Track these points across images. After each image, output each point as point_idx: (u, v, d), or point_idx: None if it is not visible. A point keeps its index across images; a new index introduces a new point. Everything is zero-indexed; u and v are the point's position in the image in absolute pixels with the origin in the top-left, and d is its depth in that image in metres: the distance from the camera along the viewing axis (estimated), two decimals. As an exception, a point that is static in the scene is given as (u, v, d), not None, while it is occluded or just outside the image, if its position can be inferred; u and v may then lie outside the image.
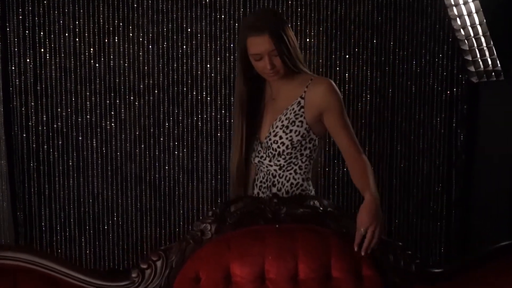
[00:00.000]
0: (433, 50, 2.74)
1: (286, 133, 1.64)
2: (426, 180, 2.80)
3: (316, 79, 1.66)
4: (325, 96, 1.61)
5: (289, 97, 1.67)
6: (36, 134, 2.61)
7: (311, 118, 1.64)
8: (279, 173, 1.67)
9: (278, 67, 1.59)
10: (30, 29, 2.58)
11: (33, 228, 2.64)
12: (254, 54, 1.59)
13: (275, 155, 1.66)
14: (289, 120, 1.64)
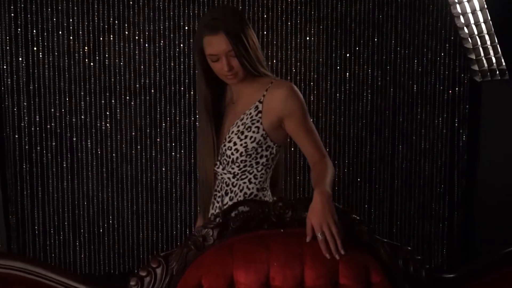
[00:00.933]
0: (435, 49, 2.70)
1: (241, 139, 1.55)
2: (428, 181, 2.76)
3: (276, 83, 1.55)
4: (285, 101, 1.52)
5: (248, 101, 1.57)
6: (29, 135, 2.54)
7: (269, 124, 1.54)
8: (232, 182, 1.59)
9: (236, 69, 1.50)
10: (22, 27, 2.51)
11: (26, 232, 2.57)
12: (211, 54, 1.49)
13: (229, 162, 1.57)
14: (245, 125, 1.55)
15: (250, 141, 1.54)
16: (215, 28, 1.47)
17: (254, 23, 2.61)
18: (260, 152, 1.56)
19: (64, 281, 1.35)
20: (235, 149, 1.55)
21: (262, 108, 1.54)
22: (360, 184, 2.75)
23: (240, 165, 1.56)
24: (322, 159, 1.53)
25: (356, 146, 2.73)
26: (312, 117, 2.69)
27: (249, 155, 1.55)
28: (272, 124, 1.54)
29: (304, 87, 2.67)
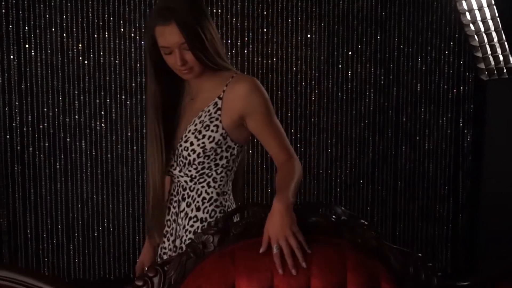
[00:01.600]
0: (439, 47, 2.65)
1: (198, 139, 1.41)
2: (432, 182, 2.70)
3: (237, 77, 1.42)
4: (246, 97, 1.39)
5: (207, 97, 1.45)
6: (21, 136, 2.46)
7: (229, 122, 1.42)
8: (189, 186, 1.46)
9: (191, 64, 1.37)
10: (14, 24, 2.42)
11: (17, 236, 2.48)
12: (163, 46, 1.37)
13: (186, 164, 1.43)
14: (203, 123, 1.42)
15: (208, 141, 1.41)
16: (167, 18, 1.34)
17: (253, 20, 2.53)
18: (219, 153, 1.43)
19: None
20: (192, 150, 1.42)
21: (222, 104, 1.42)
22: (363, 185, 2.68)
23: (198, 167, 1.43)
24: (288, 160, 1.40)
25: (359, 146, 2.66)
26: (313, 117, 2.62)
27: (207, 156, 1.42)
28: (233, 122, 1.42)
29: (305, 86, 2.60)
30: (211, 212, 1.45)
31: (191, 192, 1.46)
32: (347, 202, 2.67)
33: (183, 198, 1.47)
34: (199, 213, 1.44)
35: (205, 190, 1.45)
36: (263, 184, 2.60)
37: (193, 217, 1.45)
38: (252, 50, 2.55)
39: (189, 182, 1.46)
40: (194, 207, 1.45)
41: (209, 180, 1.45)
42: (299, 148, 2.62)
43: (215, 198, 1.45)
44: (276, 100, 2.59)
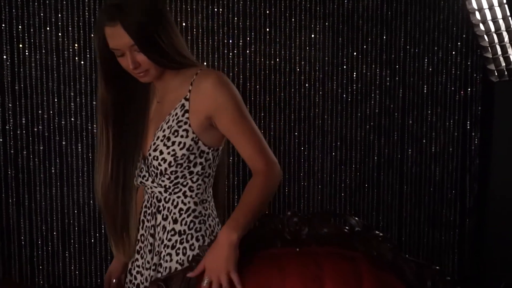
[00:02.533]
0: (446, 47, 2.58)
1: (168, 146, 1.31)
2: (438, 187, 2.64)
3: (201, 74, 1.30)
4: (211, 94, 1.27)
5: (173, 99, 1.34)
6: (15, 139, 2.37)
7: (198, 125, 1.31)
8: (164, 197, 1.35)
9: (146, 66, 1.26)
10: (7, 23, 2.33)
11: (11, 243, 2.40)
12: (113, 48, 1.26)
13: (158, 174, 1.33)
14: (171, 129, 1.31)
15: (178, 148, 1.30)
16: (112, 18, 1.23)
17: (256, 20, 2.46)
18: (193, 160, 1.32)
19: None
20: (162, 159, 1.31)
21: (189, 106, 1.30)
22: (368, 189, 2.61)
23: (171, 176, 1.32)
24: (263, 169, 1.27)
25: (364, 149, 2.59)
26: (317, 119, 2.55)
27: (179, 164, 1.31)
28: (201, 124, 1.30)
29: (309, 87, 2.53)
30: (190, 223, 1.34)
31: (166, 204, 1.35)
32: (351, 207, 2.60)
33: (158, 210, 1.36)
34: (177, 225, 1.34)
35: (182, 200, 1.34)
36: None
37: (170, 231, 1.34)
38: (254, 50, 2.47)
39: (163, 193, 1.35)
40: (171, 220, 1.34)
41: (185, 189, 1.34)
42: (302, 152, 2.55)
43: (193, 208, 1.35)
44: (279, 102, 2.51)
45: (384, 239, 1.28)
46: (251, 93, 2.49)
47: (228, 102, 1.28)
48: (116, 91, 1.35)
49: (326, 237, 1.27)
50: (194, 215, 1.35)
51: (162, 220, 1.36)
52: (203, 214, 1.36)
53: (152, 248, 1.38)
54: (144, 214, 1.40)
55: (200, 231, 1.35)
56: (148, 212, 1.39)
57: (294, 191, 2.56)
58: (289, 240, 1.26)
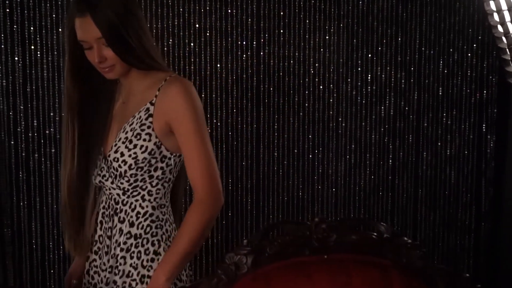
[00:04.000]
0: (462, 49, 2.55)
1: (129, 149, 1.30)
2: (453, 190, 2.60)
3: (170, 80, 1.30)
4: (173, 101, 1.27)
5: (138, 102, 1.33)
6: (26, 141, 2.34)
7: (160, 129, 1.30)
8: (122, 199, 1.34)
9: (112, 61, 1.27)
10: (19, 24, 2.30)
11: (22, 247, 2.37)
12: (81, 40, 1.27)
13: (117, 176, 1.32)
14: (134, 132, 1.30)
15: (140, 151, 1.29)
16: (82, 9, 1.24)
17: (269, 21, 2.43)
18: (154, 164, 1.31)
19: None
20: (123, 161, 1.30)
21: (154, 111, 1.29)
22: (382, 193, 2.58)
23: (130, 179, 1.31)
24: (203, 198, 1.26)
25: (378, 152, 2.56)
26: (332, 122, 2.52)
27: (140, 168, 1.30)
28: (163, 129, 1.30)
29: (323, 90, 2.50)
30: (146, 227, 1.34)
31: (123, 206, 1.34)
32: (366, 211, 2.57)
33: (115, 212, 1.36)
34: (133, 229, 1.33)
35: (139, 204, 1.33)
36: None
37: (126, 233, 1.34)
38: (268, 52, 2.44)
39: (121, 195, 1.34)
40: (127, 223, 1.33)
41: (144, 193, 1.33)
42: (316, 154, 2.52)
43: (150, 213, 1.34)
44: (293, 104, 2.48)
45: (413, 246, 1.25)
46: (264, 95, 2.46)
47: (187, 112, 1.27)
48: (82, 87, 1.35)
49: (354, 244, 1.24)
50: (151, 219, 1.34)
51: (119, 223, 1.35)
52: (160, 219, 1.35)
53: (108, 250, 1.37)
54: (102, 215, 1.40)
55: (156, 235, 1.35)
56: (106, 214, 1.39)
57: (308, 194, 2.52)
58: (317, 247, 1.23)
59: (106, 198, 1.38)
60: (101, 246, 1.40)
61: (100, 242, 1.41)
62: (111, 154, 1.33)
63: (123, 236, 1.34)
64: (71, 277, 1.52)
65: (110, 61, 1.28)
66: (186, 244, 1.26)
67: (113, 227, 1.36)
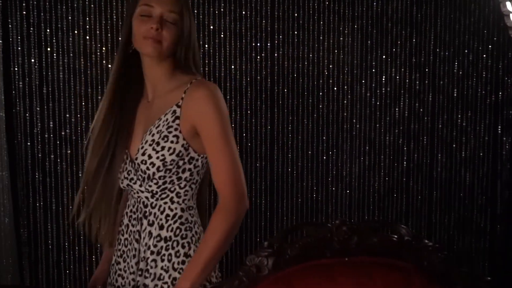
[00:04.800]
0: (477, 50, 2.53)
1: (157, 151, 1.29)
2: (468, 192, 2.59)
3: (196, 83, 1.29)
4: (200, 104, 1.26)
5: (164, 103, 1.32)
6: (42, 143, 2.36)
7: (187, 132, 1.30)
8: (151, 202, 1.33)
9: (165, 38, 1.27)
10: (35, 26, 2.32)
11: (38, 247, 2.39)
12: (146, 4, 1.27)
13: (145, 178, 1.31)
14: (161, 134, 1.29)
15: (168, 153, 1.28)
16: None
17: (284, 22, 2.43)
18: (182, 166, 1.30)
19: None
20: (151, 163, 1.29)
21: (181, 113, 1.29)
22: (396, 195, 2.57)
23: (159, 182, 1.30)
24: (227, 202, 1.25)
25: (392, 154, 2.55)
26: (346, 124, 2.51)
27: (168, 169, 1.29)
28: (190, 132, 1.29)
29: (337, 91, 2.50)
30: (176, 229, 1.33)
31: (152, 209, 1.33)
32: (380, 213, 2.56)
33: (144, 216, 1.34)
34: (163, 231, 1.32)
35: (168, 206, 1.32)
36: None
37: (156, 236, 1.33)
38: (282, 53, 2.44)
39: (150, 198, 1.33)
40: (157, 225, 1.32)
41: (172, 195, 1.32)
42: (330, 156, 2.52)
43: (179, 215, 1.33)
44: (307, 105, 2.48)
45: (435, 249, 1.24)
46: (279, 97, 2.46)
47: (214, 116, 1.27)
48: (127, 71, 1.35)
49: (375, 247, 1.24)
50: (180, 221, 1.33)
51: (148, 226, 1.34)
52: (189, 221, 1.35)
53: (136, 253, 1.37)
54: (130, 218, 1.38)
55: (186, 238, 1.34)
56: (134, 217, 1.37)
57: (322, 195, 2.52)
58: (338, 250, 1.22)
59: (135, 202, 1.37)
60: (126, 249, 1.40)
61: (125, 246, 1.40)
62: (139, 156, 1.32)
63: (153, 239, 1.33)
64: (95, 283, 1.50)
65: (164, 37, 1.28)
66: (211, 251, 1.25)
67: (142, 230, 1.35)
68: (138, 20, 1.29)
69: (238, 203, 1.27)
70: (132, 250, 1.38)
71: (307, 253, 1.22)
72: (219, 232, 1.25)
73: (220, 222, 1.26)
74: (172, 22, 1.28)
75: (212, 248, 1.25)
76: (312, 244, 1.22)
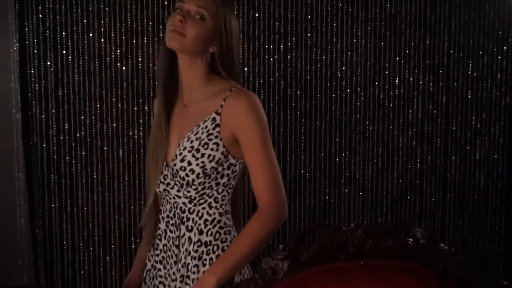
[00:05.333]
0: (492, 52, 2.52)
1: (197, 158, 1.29)
2: (483, 194, 2.57)
3: (235, 91, 1.29)
4: (241, 113, 1.27)
5: (202, 109, 1.32)
6: (57, 144, 2.39)
7: (227, 139, 1.30)
8: (189, 208, 1.33)
9: (189, 32, 1.25)
10: (51, 29, 2.35)
11: (53, 248, 2.41)
12: (179, 2, 1.28)
13: (183, 184, 1.31)
14: (200, 141, 1.30)
15: (208, 160, 1.28)
16: None
17: (297, 24, 2.43)
18: (221, 172, 1.31)
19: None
20: (191, 170, 1.29)
21: (221, 120, 1.29)
22: (410, 197, 2.56)
23: (198, 187, 1.30)
24: (266, 208, 1.25)
25: (406, 156, 2.54)
26: (359, 125, 2.51)
27: (208, 175, 1.29)
28: (229, 139, 1.30)
29: (350, 93, 2.49)
30: (216, 234, 1.33)
31: (190, 215, 1.33)
32: (393, 215, 2.55)
33: (182, 221, 1.34)
34: (203, 236, 1.32)
35: (207, 212, 1.33)
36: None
37: (196, 242, 1.33)
38: (295, 55, 2.45)
39: (188, 203, 1.33)
40: (196, 231, 1.32)
41: (210, 200, 1.33)
42: (343, 158, 2.51)
43: (218, 219, 1.33)
44: (320, 107, 2.48)
45: (450, 253, 1.23)
46: (292, 99, 2.46)
47: (253, 125, 1.27)
48: (170, 67, 1.36)
49: (390, 250, 1.23)
50: (219, 225, 1.33)
51: (187, 231, 1.34)
52: (227, 225, 1.36)
53: (177, 259, 1.36)
54: (167, 224, 1.38)
55: (225, 241, 1.35)
56: (172, 223, 1.37)
57: (335, 197, 2.52)
58: (352, 253, 1.23)
59: (171, 207, 1.36)
60: (166, 255, 1.39)
61: (164, 252, 1.39)
62: (177, 163, 1.31)
63: (192, 245, 1.33)
64: (129, 285, 1.50)
65: (188, 30, 1.26)
66: (243, 250, 1.25)
67: (181, 236, 1.35)
68: (171, 16, 1.30)
69: (277, 210, 1.27)
70: (173, 256, 1.37)
71: (322, 256, 1.22)
72: (254, 235, 1.25)
73: (257, 225, 1.26)
74: (200, 17, 1.27)
75: (245, 248, 1.25)
76: (327, 247, 1.22)
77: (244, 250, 1.25)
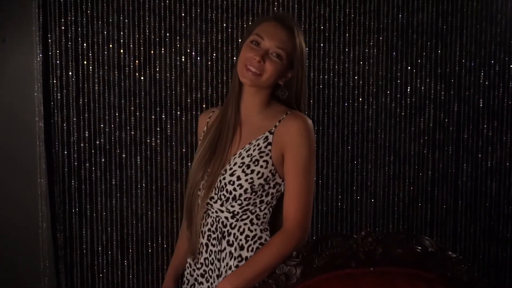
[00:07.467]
0: (503, 61, 2.54)
1: (246, 173, 1.33)
2: (494, 202, 2.59)
3: (292, 114, 1.35)
4: (292, 134, 1.32)
5: (256, 129, 1.37)
6: (78, 151, 2.47)
7: (276, 158, 1.35)
8: (230, 223, 1.36)
9: (266, 71, 1.31)
10: (73, 40, 2.44)
11: (73, 251, 2.49)
12: (258, 35, 1.31)
13: (229, 198, 1.35)
14: (251, 158, 1.34)
15: (257, 177, 1.33)
16: (288, 21, 1.35)
17: (310, 35, 2.49)
18: (266, 189, 1.35)
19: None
20: (239, 185, 1.33)
21: (273, 139, 1.34)
22: (421, 204, 2.59)
23: (243, 203, 1.34)
24: (291, 229, 1.30)
25: (417, 164, 2.57)
26: (371, 133, 2.55)
27: (254, 192, 1.34)
28: (278, 158, 1.35)
29: (362, 102, 2.54)
30: (256, 250, 1.36)
31: (232, 230, 1.37)
32: (404, 222, 2.58)
33: (223, 236, 1.38)
34: (244, 251, 1.36)
35: (248, 228, 1.36)
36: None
37: (237, 257, 1.37)
38: (309, 65, 2.50)
39: (230, 218, 1.37)
40: (237, 246, 1.36)
41: (252, 217, 1.36)
42: (355, 165, 2.56)
43: (259, 236, 1.37)
44: (333, 116, 2.53)
45: (458, 261, 1.28)
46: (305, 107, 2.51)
47: (302, 149, 1.32)
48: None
49: (400, 258, 1.28)
50: (260, 242, 1.37)
51: (228, 246, 1.37)
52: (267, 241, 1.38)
53: (219, 273, 1.39)
54: (208, 238, 1.41)
55: None
56: (213, 237, 1.40)
57: (347, 204, 2.56)
58: (363, 260, 1.27)
59: (213, 221, 1.40)
60: (208, 269, 1.41)
61: (206, 265, 1.42)
62: (226, 176, 1.35)
63: (233, 260, 1.36)
64: None
65: (265, 69, 1.33)
66: (262, 265, 1.28)
67: (222, 250, 1.38)
68: (247, 46, 1.35)
69: (301, 233, 1.32)
70: (215, 270, 1.40)
71: (334, 262, 1.27)
72: (275, 251, 1.29)
73: (280, 242, 1.30)
74: (277, 57, 1.33)
75: (263, 264, 1.29)
76: (339, 255, 1.28)
77: (263, 264, 1.29)
